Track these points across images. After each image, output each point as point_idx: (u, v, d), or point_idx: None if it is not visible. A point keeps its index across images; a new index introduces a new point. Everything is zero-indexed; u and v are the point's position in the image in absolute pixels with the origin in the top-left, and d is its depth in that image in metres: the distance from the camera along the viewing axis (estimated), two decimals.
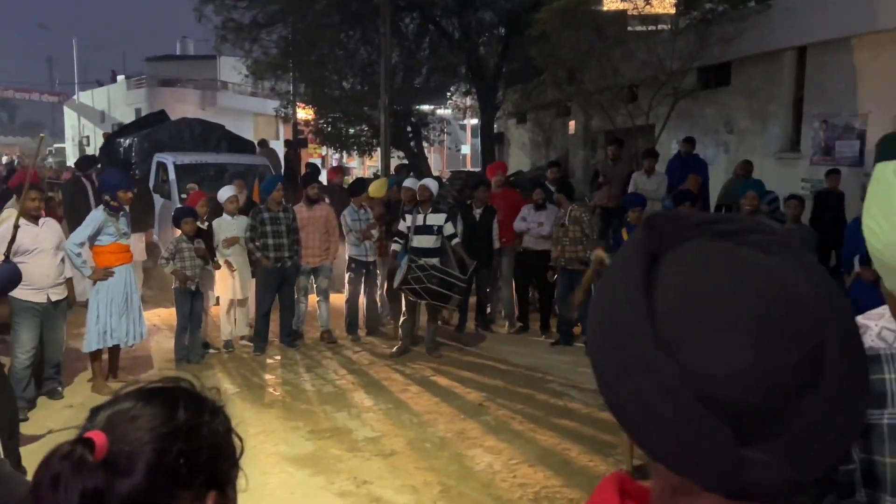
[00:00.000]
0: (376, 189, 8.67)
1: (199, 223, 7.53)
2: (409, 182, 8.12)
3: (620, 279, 0.67)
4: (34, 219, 5.88)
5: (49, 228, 6.00)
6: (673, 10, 10.88)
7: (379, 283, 8.66)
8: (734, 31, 10.62)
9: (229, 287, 7.77)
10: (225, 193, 7.99)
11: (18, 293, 5.56)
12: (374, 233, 8.30)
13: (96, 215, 6.41)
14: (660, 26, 11.36)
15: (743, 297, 0.62)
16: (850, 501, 1.24)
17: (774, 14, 10.15)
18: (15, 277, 4.77)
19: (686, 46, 10.57)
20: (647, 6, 10.95)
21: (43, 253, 5.87)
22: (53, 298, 5.95)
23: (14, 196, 8.38)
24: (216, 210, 7.98)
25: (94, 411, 0.97)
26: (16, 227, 5.67)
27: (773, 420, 0.61)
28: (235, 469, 1.02)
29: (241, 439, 1.03)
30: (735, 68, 11.49)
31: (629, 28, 11.53)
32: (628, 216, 7.50)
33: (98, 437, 0.89)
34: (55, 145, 48.79)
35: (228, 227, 7.83)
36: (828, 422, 0.62)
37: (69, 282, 6.28)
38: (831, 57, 9.75)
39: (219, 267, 7.63)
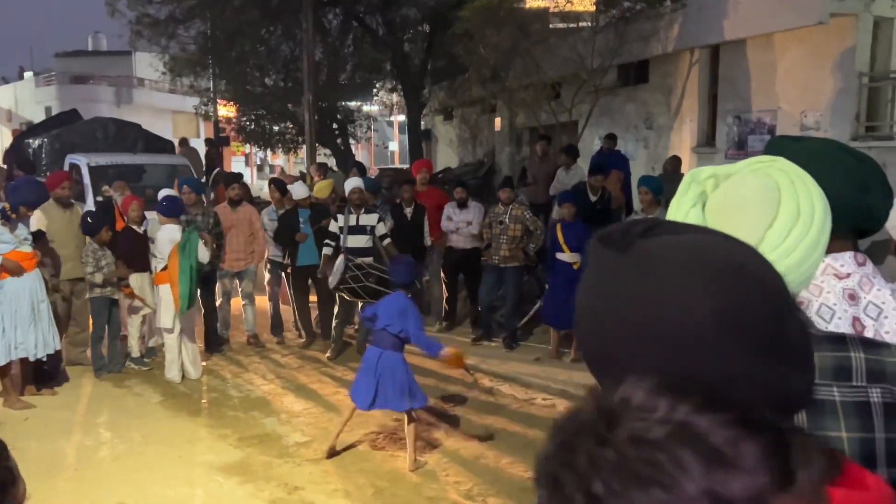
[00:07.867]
0: (320, 190, 8.54)
1: (135, 227, 7.22)
2: (352, 182, 7.95)
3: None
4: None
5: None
6: (593, 8, 11.06)
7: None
8: (651, 29, 10.91)
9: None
10: (160, 195, 7.68)
11: None
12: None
13: None
14: (581, 24, 11.54)
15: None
16: None
17: (689, 13, 10.46)
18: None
19: (606, 44, 10.79)
20: (568, 4, 11.09)
21: None
22: None
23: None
24: None
25: None
26: None
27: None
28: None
29: (12, 471, 0.91)
30: (653, 66, 11.80)
31: (551, 26, 11.69)
32: (563, 213, 7.38)
33: None
34: None
35: (154, 228, 7.54)
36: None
37: None
38: (742, 55, 10.14)
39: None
